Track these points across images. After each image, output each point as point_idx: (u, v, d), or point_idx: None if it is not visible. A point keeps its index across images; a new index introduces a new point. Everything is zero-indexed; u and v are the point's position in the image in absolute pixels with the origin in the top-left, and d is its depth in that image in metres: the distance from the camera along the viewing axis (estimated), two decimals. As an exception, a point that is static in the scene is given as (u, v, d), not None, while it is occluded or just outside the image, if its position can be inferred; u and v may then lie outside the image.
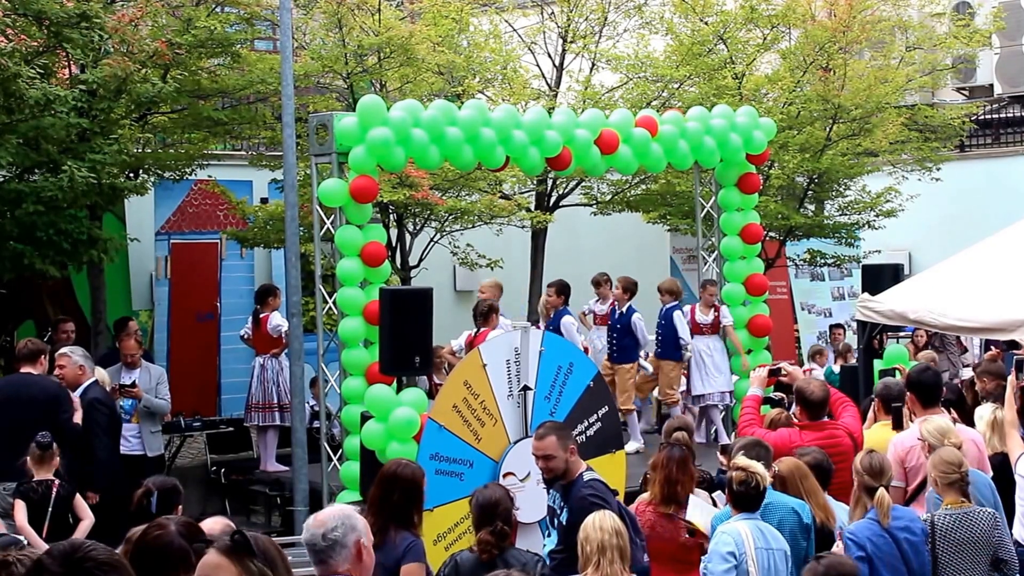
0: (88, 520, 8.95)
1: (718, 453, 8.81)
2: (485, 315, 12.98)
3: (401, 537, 6.61)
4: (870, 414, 9.41)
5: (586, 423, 10.08)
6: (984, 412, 8.85)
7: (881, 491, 6.77)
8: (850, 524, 7.04)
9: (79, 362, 10.20)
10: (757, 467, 6.76)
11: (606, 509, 6.59)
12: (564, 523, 7.11)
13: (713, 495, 8.43)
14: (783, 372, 9.71)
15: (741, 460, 6.84)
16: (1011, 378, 8.77)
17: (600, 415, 10.14)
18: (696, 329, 14.66)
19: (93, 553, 3.41)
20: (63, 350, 10.48)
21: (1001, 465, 8.34)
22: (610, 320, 14.50)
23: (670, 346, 14.46)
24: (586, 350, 13.59)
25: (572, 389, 10.05)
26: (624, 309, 14.30)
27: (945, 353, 14.89)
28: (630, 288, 14.39)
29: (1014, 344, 9.89)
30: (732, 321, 14.61)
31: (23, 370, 10.05)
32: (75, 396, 10.14)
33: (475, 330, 13.13)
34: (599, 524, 6.28)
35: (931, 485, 7.30)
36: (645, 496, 7.94)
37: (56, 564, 3.36)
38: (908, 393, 8.75)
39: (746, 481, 6.69)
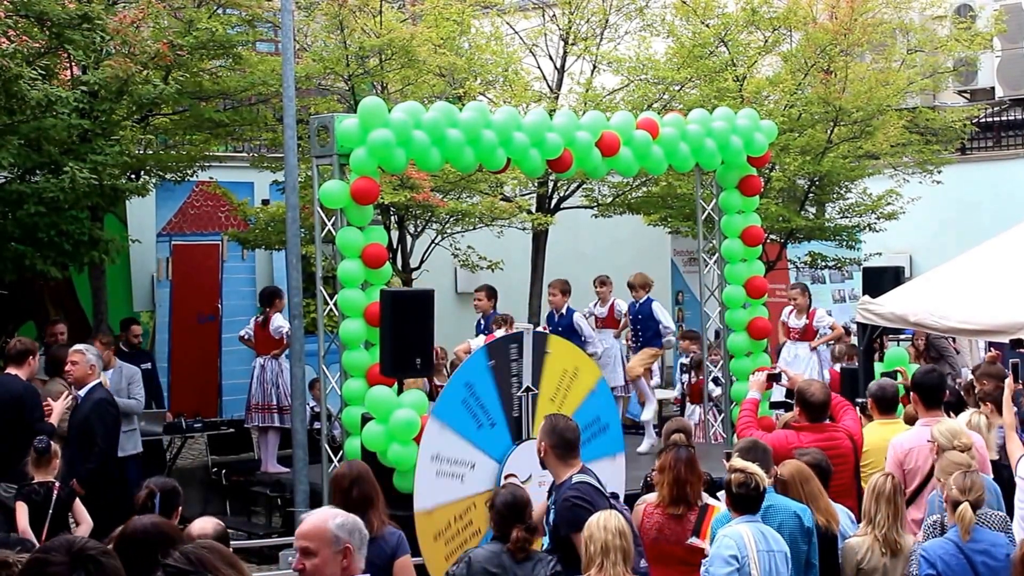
0: (86, 525, 8.95)
1: (724, 460, 8.81)
2: (500, 323, 13.00)
3: (389, 531, 6.65)
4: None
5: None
6: (964, 419, 8.82)
7: (964, 506, 6.69)
8: (926, 541, 6.99)
9: (91, 361, 10.23)
10: (755, 468, 6.74)
11: (588, 511, 6.59)
12: (550, 524, 7.12)
13: (717, 495, 8.44)
14: (783, 376, 9.72)
15: (738, 462, 6.82)
16: (1008, 381, 8.78)
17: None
18: (787, 333, 14.74)
19: (88, 544, 3.53)
20: (78, 346, 10.49)
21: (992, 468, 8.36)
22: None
23: (649, 339, 14.56)
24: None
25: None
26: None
27: (944, 359, 14.88)
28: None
29: (1019, 343, 9.88)
30: (829, 324, 14.76)
31: (8, 371, 10.08)
32: (80, 394, 10.19)
33: (497, 330, 13.13)
34: (603, 524, 6.26)
35: (943, 489, 7.29)
36: (650, 498, 7.94)
37: (60, 555, 3.43)
38: (912, 394, 8.77)
39: (745, 483, 6.66)
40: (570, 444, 7.21)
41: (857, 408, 9.65)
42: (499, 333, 10.89)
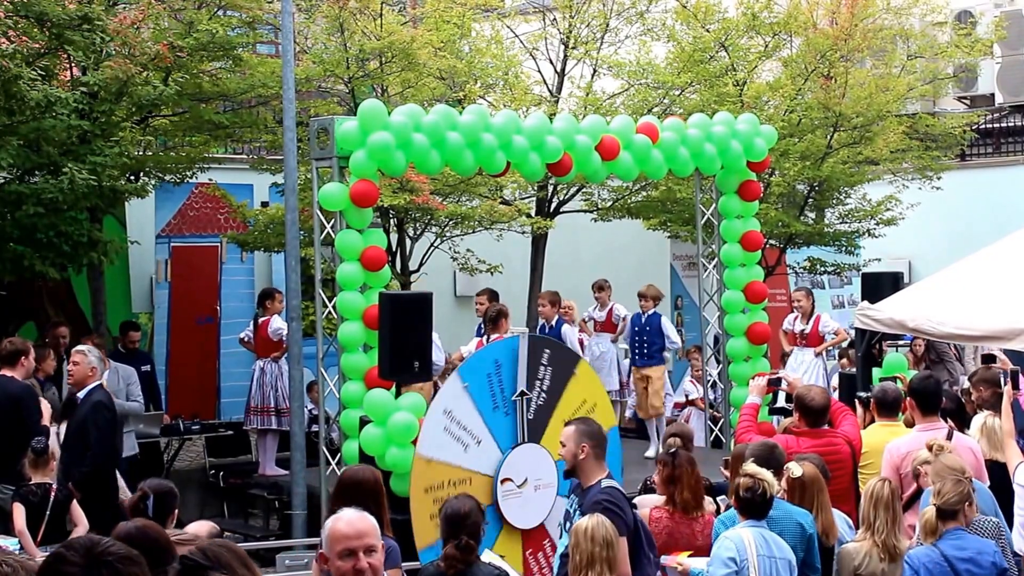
0: (83, 527, 8.94)
1: (721, 468, 8.82)
2: (494, 320, 12.98)
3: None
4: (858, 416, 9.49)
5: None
6: (979, 420, 8.86)
7: (928, 509, 6.73)
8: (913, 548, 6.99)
9: (92, 363, 10.21)
10: (765, 475, 6.74)
11: (619, 516, 6.57)
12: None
13: (718, 499, 8.46)
14: (783, 382, 9.71)
15: (751, 467, 6.82)
16: (1007, 388, 8.77)
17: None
18: (791, 340, 14.75)
19: (112, 548, 3.45)
20: (80, 347, 10.48)
21: (992, 472, 8.35)
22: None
23: (657, 352, 14.61)
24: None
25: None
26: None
27: (943, 364, 14.89)
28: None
29: (991, 358, 9.88)
30: (834, 329, 14.77)
31: (2, 372, 10.07)
32: (79, 395, 10.18)
33: (485, 336, 13.13)
34: (591, 534, 6.26)
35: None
36: (653, 500, 7.94)
37: (78, 556, 3.38)
38: (909, 399, 8.77)
39: (752, 488, 6.67)
40: (605, 445, 7.27)
41: (859, 402, 9.67)
42: (516, 329, 10.87)
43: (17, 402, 9.87)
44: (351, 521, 4.94)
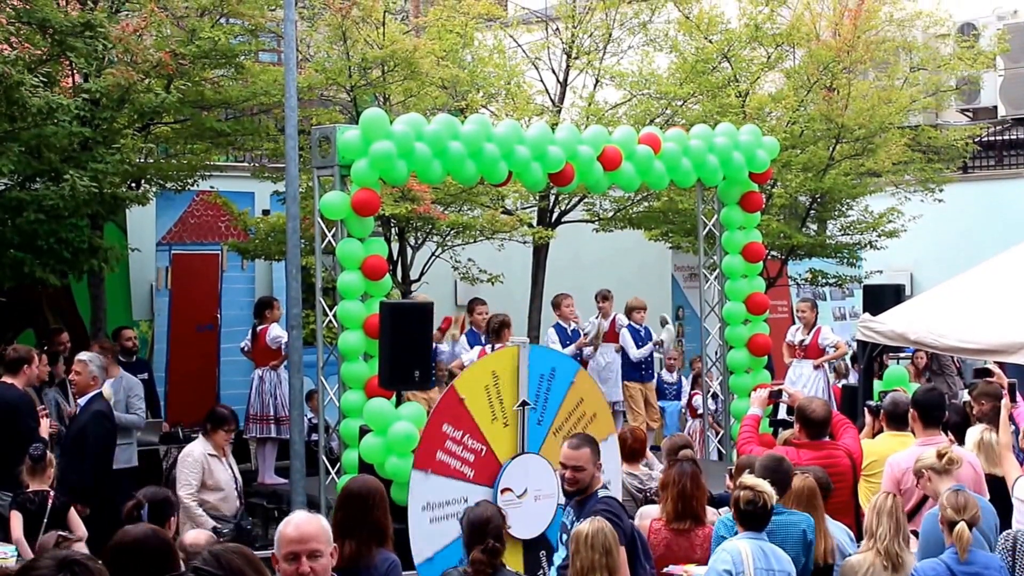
0: (81, 534, 8.91)
1: (727, 477, 8.80)
2: (497, 331, 12.93)
3: (381, 557, 6.56)
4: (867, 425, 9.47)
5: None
6: (974, 434, 8.82)
7: (961, 526, 6.66)
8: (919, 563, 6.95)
9: (94, 372, 10.23)
10: (764, 486, 6.72)
11: (618, 526, 6.56)
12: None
13: (720, 510, 8.43)
14: (784, 394, 9.69)
15: (748, 479, 6.80)
16: (1005, 401, 8.75)
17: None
18: (792, 352, 14.76)
19: (77, 553, 3.62)
20: (83, 356, 10.50)
21: (990, 487, 8.33)
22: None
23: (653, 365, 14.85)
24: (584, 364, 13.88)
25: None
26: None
27: (943, 376, 14.87)
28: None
29: (986, 372, 9.89)
30: (834, 342, 14.76)
31: (3, 379, 10.06)
32: (80, 402, 10.17)
33: (488, 346, 13.10)
34: (591, 541, 6.24)
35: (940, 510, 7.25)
36: (651, 511, 7.91)
37: (48, 560, 3.53)
38: (911, 411, 8.74)
39: (753, 500, 6.65)
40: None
41: (868, 411, 9.64)
42: (517, 339, 10.80)
43: (13, 409, 9.85)
44: (298, 524, 4.97)
